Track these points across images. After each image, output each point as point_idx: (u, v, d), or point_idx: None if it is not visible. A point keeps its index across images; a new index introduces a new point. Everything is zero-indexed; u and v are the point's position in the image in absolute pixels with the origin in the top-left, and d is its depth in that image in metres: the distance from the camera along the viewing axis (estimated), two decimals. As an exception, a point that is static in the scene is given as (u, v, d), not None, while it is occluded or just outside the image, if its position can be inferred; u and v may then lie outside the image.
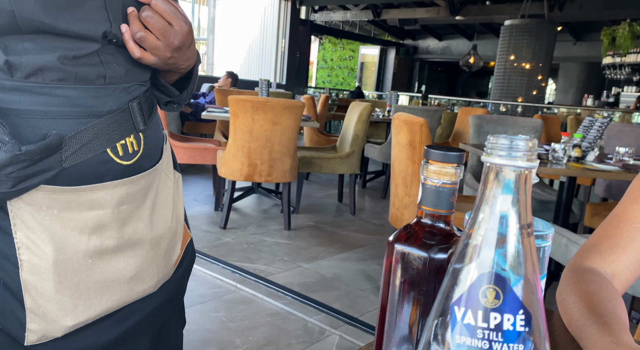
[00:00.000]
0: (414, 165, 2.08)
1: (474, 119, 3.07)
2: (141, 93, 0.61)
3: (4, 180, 0.46)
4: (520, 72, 8.33)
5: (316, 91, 11.03)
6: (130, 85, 0.59)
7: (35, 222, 0.51)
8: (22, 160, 0.46)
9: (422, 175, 0.42)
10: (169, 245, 0.66)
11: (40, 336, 0.52)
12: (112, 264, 0.57)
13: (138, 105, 0.59)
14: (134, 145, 0.59)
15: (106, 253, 0.56)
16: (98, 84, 0.54)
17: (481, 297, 0.28)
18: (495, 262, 0.29)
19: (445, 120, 5.52)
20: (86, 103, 0.53)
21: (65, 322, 0.53)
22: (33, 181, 0.49)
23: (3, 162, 0.46)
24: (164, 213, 0.65)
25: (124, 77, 0.57)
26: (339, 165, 3.49)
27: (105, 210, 0.55)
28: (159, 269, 0.64)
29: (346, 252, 2.80)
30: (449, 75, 16.63)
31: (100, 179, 0.55)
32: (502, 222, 0.29)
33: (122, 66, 0.57)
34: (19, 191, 0.48)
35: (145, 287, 0.62)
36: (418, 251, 0.41)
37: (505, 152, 0.28)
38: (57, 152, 0.50)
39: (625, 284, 0.62)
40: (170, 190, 0.67)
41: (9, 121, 0.48)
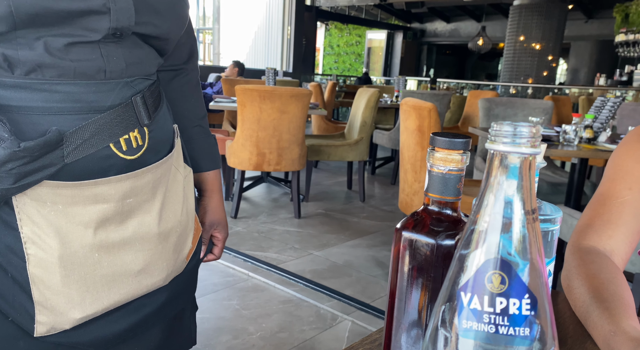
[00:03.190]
0: (422, 151, 2.08)
1: (484, 102, 3.03)
2: (145, 87, 0.60)
3: (4, 176, 0.47)
4: (530, 52, 8.19)
5: (323, 78, 10.96)
6: (132, 80, 0.58)
7: (40, 217, 0.51)
8: (22, 156, 0.46)
9: (428, 162, 0.42)
10: (179, 239, 0.66)
11: (49, 328, 0.53)
12: (120, 257, 0.57)
13: (142, 100, 0.59)
14: (139, 140, 0.58)
15: (113, 247, 0.57)
16: (99, 79, 0.54)
17: (487, 283, 0.28)
18: (501, 247, 0.29)
19: (454, 104, 5.47)
20: (87, 98, 0.53)
21: (73, 314, 0.54)
22: (35, 177, 0.49)
23: (3, 159, 0.46)
24: (174, 207, 0.65)
25: (125, 71, 0.56)
26: (347, 152, 3.49)
27: (110, 204, 0.55)
28: (168, 262, 0.64)
29: (356, 238, 2.81)
30: (457, 58, 16.40)
31: (104, 173, 0.55)
32: (507, 208, 0.29)
33: (123, 60, 0.56)
34: (21, 187, 0.48)
35: (155, 281, 0.62)
36: (425, 238, 0.41)
37: (509, 138, 0.28)
38: (58, 148, 0.50)
39: (624, 258, 0.65)
40: (180, 184, 0.67)
41: (10, 118, 0.48)
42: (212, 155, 0.80)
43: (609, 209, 0.66)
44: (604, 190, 0.68)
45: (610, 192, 0.67)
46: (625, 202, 0.65)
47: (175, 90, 0.76)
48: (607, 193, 0.67)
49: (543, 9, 7.89)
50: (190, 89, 0.77)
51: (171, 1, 0.60)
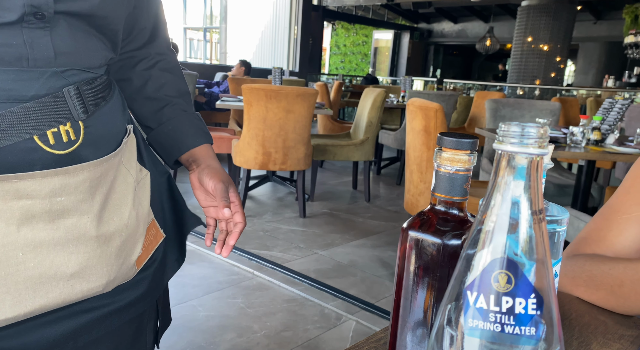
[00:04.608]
0: (429, 152, 2.07)
1: (490, 103, 3.02)
2: (83, 80, 0.55)
3: None
4: (538, 54, 8.14)
5: (329, 78, 10.96)
6: (64, 70, 0.53)
7: None
8: None
9: (435, 162, 0.42)
10: (124, 244, 0.61)
11: None
12: (49, 258, 0.53)
13: (76, 92, 0.54)
14: (70, 134, 0.54)
15: (41, 247, 0.52)
16: (19, 67, 0.49)
17: (493, 282, 0.29)
18: (507, 247, 0.30)
19: (460, 105, 5.45)
20: (4, 86, 0.49)
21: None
22: None
23: None
24: (120, 209, 0.60)
25: (54, 61, 0.52)
26: (353, 152, 3.49)
27: (35, 201, 0.51)
28: (110, 268, 0.58)
29: (361, 238, 2.82)
30: (464, 59, 16.34)
31: (29, 168, 0.51)
32: (514, 208, 0.30)
33: (52, 48, 0.51)
34: None
35: (92, 286, 0.57)
36: (432, 238, 0.41)
37: (517, 139, 0.28)
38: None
39: None
40: (130, 187, 0.62)
41: None
42: (196, 129, 0.75)
43: (609, 224, 0.61)
44: (614, 202, 0.63)
45: (619, 206, 0.62)
46: (630, 219, 0.60)
47: (141, 76, 0.73)
48: (615, 206, 0.63)
49: (551, 10, 7.85)
50: (156, 73, 0.74)
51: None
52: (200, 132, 0.76)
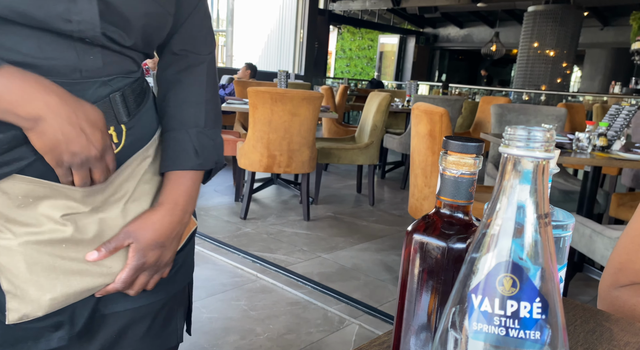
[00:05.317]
0: (433, 156, 2.07)
1: (496, 108, 3.02)
2: (126, 85, 0.59)
3: None
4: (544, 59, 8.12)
5: (334, 81, 10.97)
6: (110, 79, 0.57)
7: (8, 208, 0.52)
8: None
9: (440, 165, 0.43)
10: None
11: (22, 315, 0.54)
12: (90, 248, 0.57)
13: (121, 97, 0.58)
14: (114, 138, 0.58)
15: (82, 240, 0.56)
16: (72, 78, 0.53)
17: (498, 285, 0.29)
18: (512, 251, 0.30)
19: (466, 110, 5.44)
20: None
21: (44, 300, 0.54)
22: (5, 170, 0.49)
23: None
24: (145, 199, 0.63)
25: (102, 70, 0.55)
26: (357, 155, 3.49)
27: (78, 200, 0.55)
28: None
29: (365, 242, 2.81)
30: (470, 64, 16.32)
31: None
32: (519, 212, 0.30)
33: (101, 59, 0.54)
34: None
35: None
36: (437, 241, 0.41)
37: (523, 143, 0.28)
38: (28, 142, 0.50)
39: None
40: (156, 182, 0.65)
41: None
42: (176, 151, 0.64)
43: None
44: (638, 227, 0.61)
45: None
46: None
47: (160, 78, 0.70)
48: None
49: (558, 16, 7.83)
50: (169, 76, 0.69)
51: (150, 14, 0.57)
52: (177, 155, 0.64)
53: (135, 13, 0.55)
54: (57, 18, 0.49)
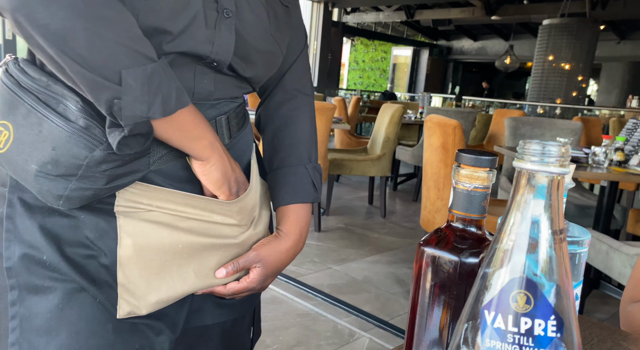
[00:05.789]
0: (446, 168, 2.06)
1: (510, 121, 2.99)
2: (231, 109, 0.63)
3: (98, 177, 0.51)
4: (559, 72, 8.05)
5: (347, 93, 11.01)
6: (220, 102, 0.61)
7: (136, 208, 0.56)
8: (114, 159, 0.51)
9: (453, 179, 0.42)
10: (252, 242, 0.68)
11: (130, 310, 0.56)
12: (200, 253, 0.60)
13: (226, 120, 0.62)
14: None
15: (197, 243, 0.60)
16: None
17: (512, 302, 0.28)
18: (526, 267, 0.29)
19: (479, 123, 5.41)
20: None
21: (149, 299, 0.57)
22: (124, 180, 0.53)
23: (98, 160, 0.50)
24: (256, 215, 0.66)
25: (213, 94, 0.60)
26: (369, 167, 3.48)
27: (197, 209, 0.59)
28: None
29: (376, 254, 2.79)
30: (484, 76, 16.26)
31: (186, 184, 0.59)
32: (533, 228, 0.29)
33: (213, 83, 0.59)
34: (111, 188, 0.53)
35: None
36: (449, 255, 0.41)
37: (538, 157, 0.28)
38: (145, 155, 0.54)
39: None
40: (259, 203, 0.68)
41: None
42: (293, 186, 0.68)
43: None
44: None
45: None
46: None
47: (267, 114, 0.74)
48: None
49: (573, 29, 7.78)
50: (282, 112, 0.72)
51: (268, 52, 0.63)
52: (298, 189, 0.68)
53: (259, 49, 0.61)
54: (202, 41, 0.54)
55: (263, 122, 0.73)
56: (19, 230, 0.55)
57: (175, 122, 0.52)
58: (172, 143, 0.54)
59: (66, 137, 0.49)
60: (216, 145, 0.57)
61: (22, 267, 0.55)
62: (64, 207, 0.52)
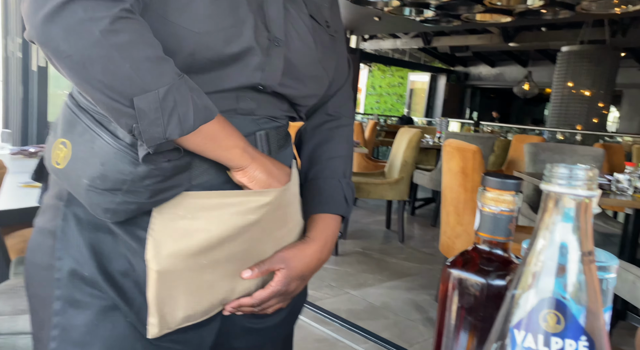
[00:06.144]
0: (466, 193, 2.05)
1: (530, 147, 2.97)
2: (271, 127, 0.65)
3: (142, 191, 0.53)
4: (580, 99, 7.99)
5: (364, 117, 11.09)
6: (259, 118, 0.63)
7: (167, 225, 0.57)
8: (157, 175, 0.52)
9: (479, 202, 0.43)
10: None
11: (159, 329, 0.58)
12: (224, 266, 0.61)
13: (265, 136, 0.64)
14: None
15: (224, 260, 0.60)
16: (229, 115, 0.59)
17: (542, 322, 0.29)
18: (555, 289, 0.30)
19: (498, 148, 5.37)
20: None
21: (178, 314, 0.58)
22: (166, 195, 0.55)
23: (142, 175, 0.52)
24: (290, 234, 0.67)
25: (254, 111, 0.62)
26: (387, 191, 3.48)
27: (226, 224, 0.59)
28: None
29: (395, 280, 2.75)
30: (502, 102, 16.21)
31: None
32: (562, 251, 0.30)
33: (255, 102, 0.62)
34: (154, 202, 0.55)
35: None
36: (476, 277, 0.41)
37: (565, 180, 0.29)
38: (187, 170, 0.56)
39: None
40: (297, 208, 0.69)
41: None
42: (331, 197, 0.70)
43: None
44: None
45: None
46: None
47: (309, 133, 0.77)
48: None
49: (594, 56, 7.75)
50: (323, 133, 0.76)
51: (315, 77, 0.66)
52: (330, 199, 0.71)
53: (306, 74, 0.64)
54: (254, 69, 0.58)
55: (302, 139, 0.76)
56: (70, 244, 0.58)
57: (201, 136, 0.54)
58: (206, 155, 0.56)
59: (113, 153, 0.52)
60: (248, 150, 0.58)
61: (68, 280, 0.57)
62: (111, 219, 0.55)
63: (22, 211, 1.06)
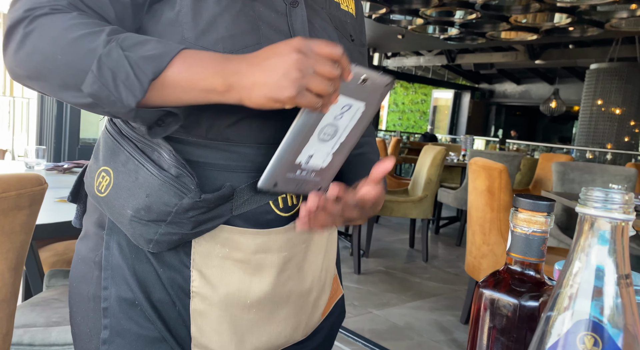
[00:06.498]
0: (492, 213, 2.02)
1: (558, 166, 2.92)
2: None
3: (185, 223, 0.53)
4: (609, 117, 7.80)
5: (387, 134, 11.08)
6: None
7: (209, 258, 0.57)
8: (201, 206, 0.53)
9: (511, 222, 0.43)
10: (317, 295, 0.68)
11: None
12: (269, 307, 0.60)
13: None
14: (293, 199, 0.63)
15: (266, 298, 0.60)
16: (267, 143, 0.59)
17: (579, 343, 0.29)
18: (592, 311, 0.30)
19: (525, 166, 5.28)
20: (256, 160, 0.58)
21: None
22: (207, 226, 0.55)
23: (186, 207, 0.52)
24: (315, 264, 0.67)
25: None
26: (410, 209, 3.45)
27: (267, 255, 0.60)
28: (307, 318, 0.66)
29: (418, 300, 2.71)
30: (528, 120, 15.97)
31: (266, 227, 0.60)
32: (598, 274, 0.30)
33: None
34: (197, 233, 0.55)
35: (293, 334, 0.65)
36: (508, 297, 0.41)
37: (601, 204, 0.29)
38: (229, 201, 0.56)
39: None
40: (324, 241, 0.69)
41: (195, 173, 0.55)
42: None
43: None
44: None
45: None
46: None
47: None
48: None
49: (623, 74, 7.59)
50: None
51: None
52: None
53: None
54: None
55: None
56: (115, 273, 0.58)
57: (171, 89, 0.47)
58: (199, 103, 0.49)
59: (159, 185, 0.52)
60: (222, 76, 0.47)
61: (116, 309, 0.57)
62: (153, 250, 0.55)
63: (56, 225, 1.09)
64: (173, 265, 0.57)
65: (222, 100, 0.48)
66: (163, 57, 0.46)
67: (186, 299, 0.57)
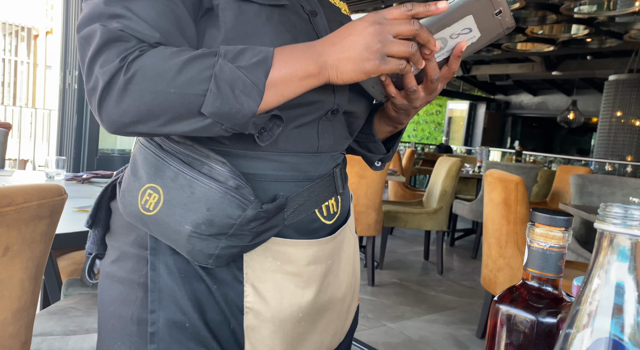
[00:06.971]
0: (508, 225, 1.99)
1: (576, 179, 2.87)
2: (341, 160, 0.67)
3: (246, 234, 0.53)
4: (629, 129, 7.66)
5: (401, 145, 11.05)
6: (335, 154, 0.65)
7: (262, 272, 0.57)
8: (262, 217, 0.53)
9: (528, 237, 0.43)
10: (350, 301, 0.69)
11: None
12: (314, 318, 0.61)
13: (339, 171, 0.65)
14: (334, 207, 0.64)
15: (313, 308, 0.60)
16: (312, 152, 0.61)
17: (599, 363, 0.28)
18: (612, 330, 0.29)
19: (541, 179, 5.20)
20: (304, 168, 0.60)
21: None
22: (264, 237, 0.55)
23: (249, 218, 0.52)
24: (347, 270, 0.68)
25: (332, 147, 0.63)
26: (425, 221, 3.42)
27: (317, 266, 0.60)
28: (344, 324, 0.67)
29: (433, 313, 2.67)
30: (545, 131, 15.77)
31: (314, 236, 0.61)
32: (618, 291, 0.29)
33: (332, 137, 0.63)
34: (254, 245, 0.55)
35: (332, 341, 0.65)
36: (525, 314, 0.41)
37: (620, 220, 0.29)
38: (282, 211, 0.56)
39: None
40: (352, 247, 0.70)
41: (250, 185, 0.55)
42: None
43: None
44: None
45: None
46: None
47: None
48: None
49: (643, 84, 7.47)
50: None
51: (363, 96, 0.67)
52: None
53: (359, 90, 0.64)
54: (327, 93, 0.58)
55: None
56: (163, 295, 0.55)
57: (277, 87, 0.50)
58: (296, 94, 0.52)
59: (220, 198, 0.52)
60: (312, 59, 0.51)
61: (165, 333, 0.55)
62: (213, 265, 0.54)
63: (75, 235, 1.11)
64: (226, 281, 0.56)
65: (316, 83, 0.52)
66: (267, 59, 0.50)
67: (240, 315, 0.56)
